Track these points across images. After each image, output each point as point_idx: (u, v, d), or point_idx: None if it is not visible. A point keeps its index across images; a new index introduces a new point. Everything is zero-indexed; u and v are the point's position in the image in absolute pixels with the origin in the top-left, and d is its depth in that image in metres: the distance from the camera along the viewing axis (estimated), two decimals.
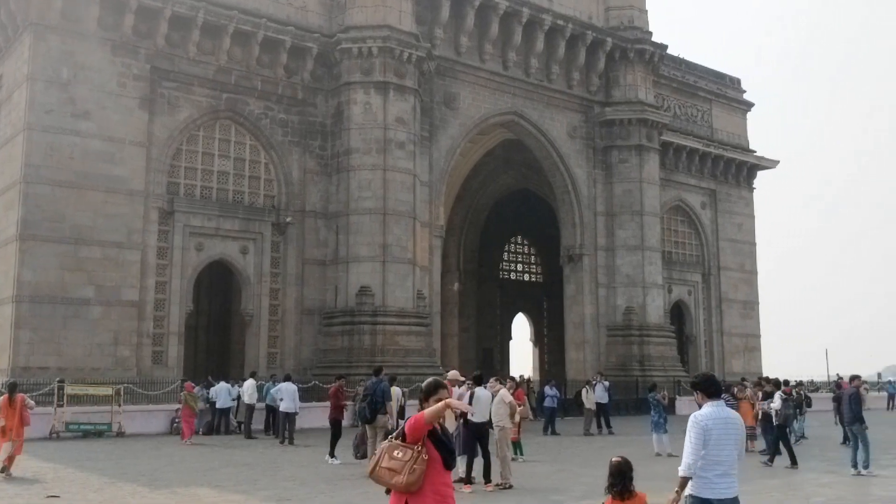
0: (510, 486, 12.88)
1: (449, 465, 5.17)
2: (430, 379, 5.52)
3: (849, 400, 15.39)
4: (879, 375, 78.85)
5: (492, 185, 45.17)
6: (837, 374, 47.07)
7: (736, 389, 19.77)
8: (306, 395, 24.09)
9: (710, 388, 6.33)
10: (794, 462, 16.08)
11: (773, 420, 16.82)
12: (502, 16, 32.37)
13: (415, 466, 5.01)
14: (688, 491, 6.12)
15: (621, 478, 6.06)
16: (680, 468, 6.19)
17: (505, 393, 14.20)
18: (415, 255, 28.73)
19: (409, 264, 28.45)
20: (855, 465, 14.85)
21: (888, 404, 40.42)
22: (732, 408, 19.28)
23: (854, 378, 16.66)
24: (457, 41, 32.05)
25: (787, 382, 23.59)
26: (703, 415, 6.17)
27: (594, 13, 36.46)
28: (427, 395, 5.37)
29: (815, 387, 43.04)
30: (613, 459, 6.17)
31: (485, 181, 44.62)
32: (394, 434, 5.28)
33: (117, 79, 25.37)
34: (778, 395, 17.15)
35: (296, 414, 20.66)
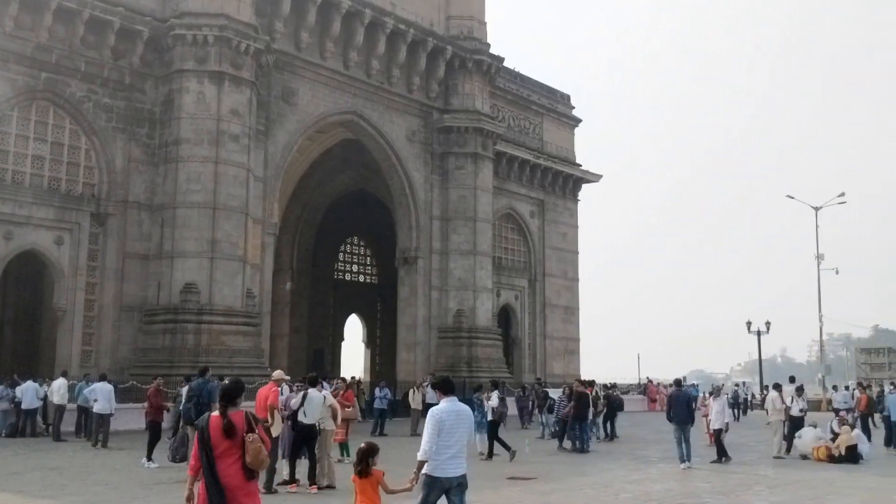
0: (332, 487, 12.87)
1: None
2: (234, 380, 6.67)
3: (683, 403, 17.18)
4: (684, 378, 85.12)
5: (329, 184, 44.79)
6: (647, 377, 50.36)
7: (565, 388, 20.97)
8: (123, 395, 22.83)
9: (446, 387, 7.58)
10: (490, 455, 17.84)
11: (489, 416, 18.50)
12: (344, 15, 32.21)
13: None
14: (424, 471, 7.16)
15: (363, 459, 7.23)
16: (419, 453, 7.25)
17: (328, 394, 14.24)
18: (246, 253, 27.96)
19: (240, 262, 27.66)
20: (682, 460, 16.51)
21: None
22: (565, 405, 20.58)
23: (678, 382, 18.95)
24: (297, 36, 31.56)
25: (592, 383, 25.32)
26: (439, 409, 7.34)
27: (435, 21, 37.05)
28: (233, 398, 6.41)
29: (625, 389, 45.69)
30: (362, 444, 7.35)
31: (322, 180, 44.17)
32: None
33: None
34: (495, 395, 18.90)
35: (111, 415, 19.58)
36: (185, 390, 16.00)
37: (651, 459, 18.41)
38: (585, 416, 20.47)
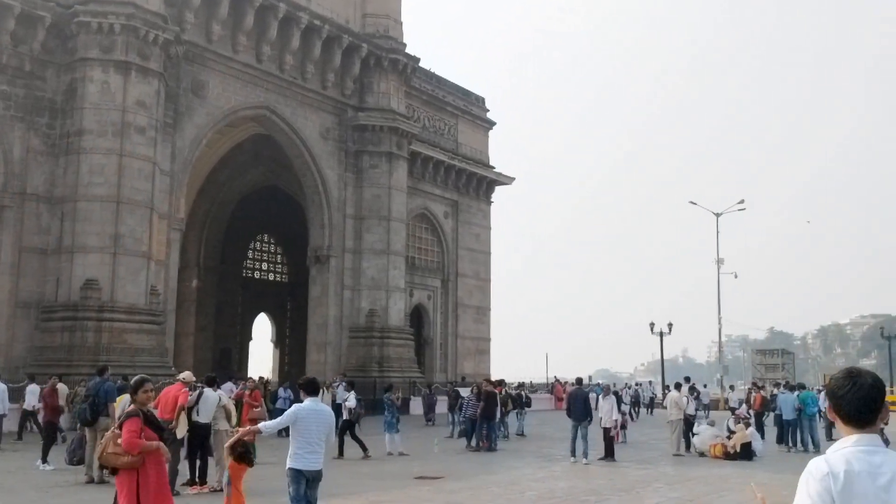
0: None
1: (165, 439, 6.87)
2: (137, 376, 7.06)
3: (581, 400, 18.01)
4: (590, 378, 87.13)
5: (239, 179, 43.96)
6: (555, 377, 51.30)
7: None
8: (18, 395, 21.81)
9: (309, 388, 8.23)
10: (341, 453, 17.84)
11: (345, 416, 18.73)
12: (258, 8, 31.65)
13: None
14: (288, 465, 7.91)
15: (244, 449, 8.55)
16: (261, 425, 8.55)
17: (223, 395, 13.97)
18: (150, 248, 27.13)
19: (144, 258, 26.83)
20: (574, 454, 17.24)
21: (595, 404, 44.59)
22: (476, 404, 20.75)
23: (579, 380, 19.71)
24: (209, 28, 30.84)
25: (501, 382, 25.69)
26: (300, 406, 8.04)
27: (351, 18, 36.83)
28: (135, 389, 6.90)
29: (534, 388, 46.43)
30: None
31: (232, 175, 43.31)
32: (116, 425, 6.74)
33: None
34: (352, 395, 19.23)
35: (4, 416, 18.71)
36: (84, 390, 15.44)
37: (557, 457, 18.79)
38: (494, 415, 20.73)
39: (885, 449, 2.78)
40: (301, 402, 8.15)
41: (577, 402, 18.08)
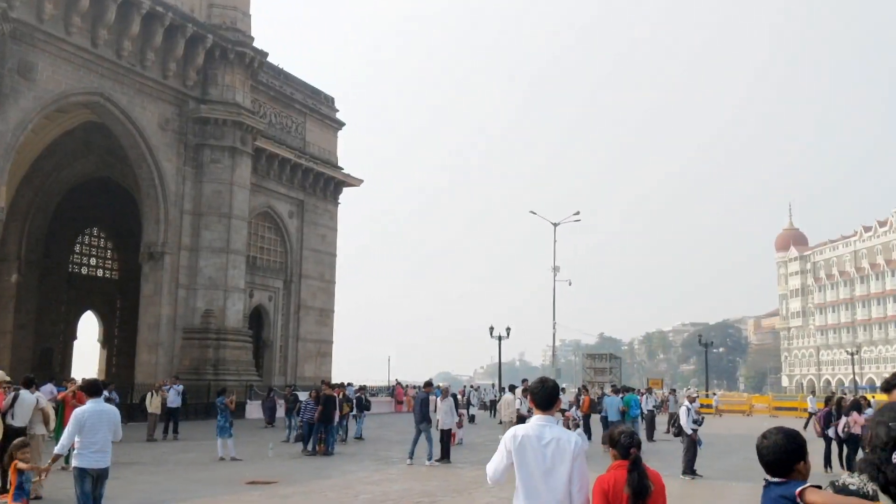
0: (39, 497, 11.75)
1: None
2: None
3: (418, 403, 18.55)
4: (431, 381, 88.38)
5: (68, 169, 41.28)
6: (396, 380, 51.62)
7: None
8: None
9: (91, 389, 8.63)
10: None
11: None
12: None
13: None
14: (74, 464, 8.18)
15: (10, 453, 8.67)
16: (56, 447, 8.44)
17: (42, 397, 13.12)
18: None
19: None
20: (411, 456, 17.50)
21: (433, 406, 45.32)
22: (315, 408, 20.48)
23: (428, 383, 20.05)
24: (39, 6, 28.80)
25: (340, 385, 25.60)
26: (82, 409, 8.29)
27: (196, 7, 35.51)
28: None
29: (374, 391, 46.57)
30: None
31: (60, 164, 40.61)
32: None
33: None
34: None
35: None
36: None
37: (393, 460, 18.87)
38: (332, 418, 20.57)
39: (554, 424, 4.54)
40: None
41: (417, 404, 18.51)
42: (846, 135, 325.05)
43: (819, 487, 3.01)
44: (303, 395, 25.30)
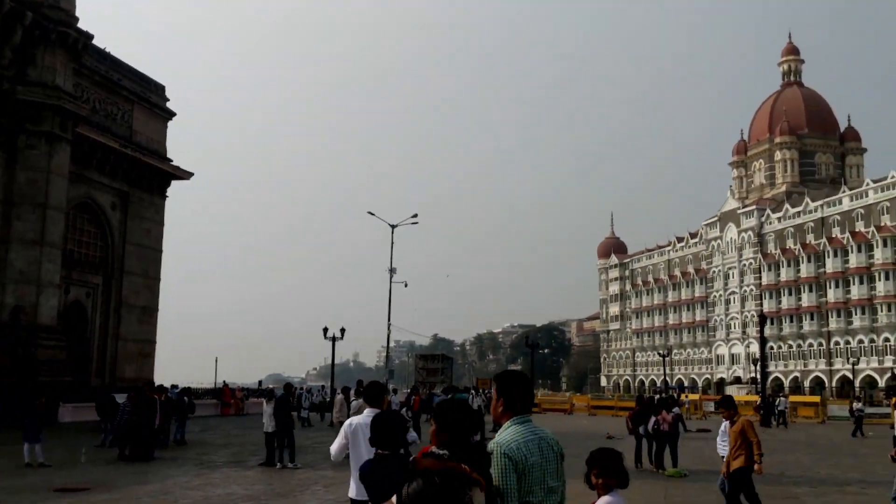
0: None
1: None
2: None
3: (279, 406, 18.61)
4: (261, 383, 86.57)
5: None
6: (223, 381, 50.19)
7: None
8: None
9: None
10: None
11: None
12: None
13: None
14: None
15: None
16: None
17: None
18: None
19: None
20: (281, 460, 17.91)
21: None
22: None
23: (287, 386, 20.04)
24: None
25: (161, 388, 24.70)
26: None
27: None
28: None
29: (199, 393, 45.12)
30: None
31: None
32: None
33: None
34: None
35: None
36: None
37: (217, 464, 18.39)
38: (152, 421, 19.78)
39: (391, 414, 5.11)
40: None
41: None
42: (662, 156, 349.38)
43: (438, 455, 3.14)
44: (121, 398, 24.10)
